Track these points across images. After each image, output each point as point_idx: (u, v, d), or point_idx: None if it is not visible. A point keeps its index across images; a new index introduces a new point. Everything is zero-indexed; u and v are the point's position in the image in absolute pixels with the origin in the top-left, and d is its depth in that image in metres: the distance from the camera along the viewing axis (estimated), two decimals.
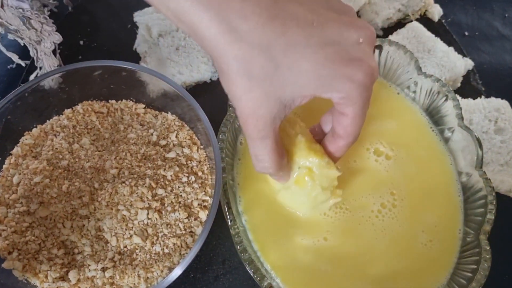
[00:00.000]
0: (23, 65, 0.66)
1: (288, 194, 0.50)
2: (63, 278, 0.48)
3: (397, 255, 0.51)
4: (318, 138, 0.49)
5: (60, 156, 0.53)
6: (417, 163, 0.56)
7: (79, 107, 0.57)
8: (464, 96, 0.64)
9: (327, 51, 0.35)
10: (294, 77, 0.36)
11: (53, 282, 0.47)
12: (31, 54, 0.62)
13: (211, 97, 0.65)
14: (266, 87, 0.36)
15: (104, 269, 0.48)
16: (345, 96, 0.38)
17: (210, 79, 0.66)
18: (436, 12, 0.74)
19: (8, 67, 0.69)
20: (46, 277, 0.48)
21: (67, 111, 0.57)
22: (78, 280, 0.47)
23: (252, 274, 0.47)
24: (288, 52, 0.35)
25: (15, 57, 0.64)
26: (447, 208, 0.54)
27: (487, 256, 0.48)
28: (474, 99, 0.63)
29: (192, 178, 0.51)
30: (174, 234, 0.48)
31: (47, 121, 0.56)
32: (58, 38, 0.63)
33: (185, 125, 0.57)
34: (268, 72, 0.35)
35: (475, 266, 0.48)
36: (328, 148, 0.47)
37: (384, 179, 0.55)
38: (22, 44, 0.62)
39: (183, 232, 0.49)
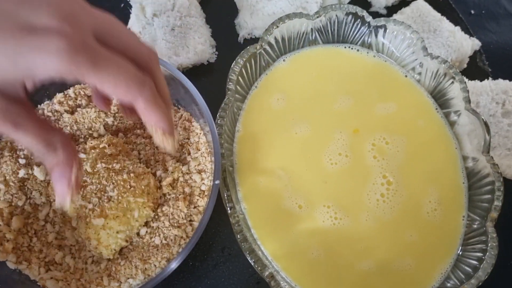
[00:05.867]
0: None
1: None
2: (57, 268, 0.46)
3: (407, 230, 0.50)
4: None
5: None
6: (420, 148, 0.54)
7: (70, 91, 0.54)
8: (471, 77, 0.62)
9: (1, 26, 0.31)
10: None
11: (46, 272, 0.46)
12: None
13: (209, 80, 0.63)
14: None
15: (99, 260, 0.46)
16: (52, 69, 0.32)
17: (208, 61, 0.63)
18: None
19: None
20: (40, 267, 0.46)
21: (59, 96, 0.55)
22: (73, 271, 0.46)
23: (253, 264, 0.46)
24: None
25: None
26: (450, 193, 0.53)
27: (494, 244, 0.47)
28: (481, 80, 0.61)
29: (192, 165, 0.50)
30: (174, 225, 0.47)
31: (38, 106, 0.54)
32: None
33: (181, 109, 0.55)
34: None
35: (481, 254, 0.47)
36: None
37: (382, 164, 0.53)
38: None
39: (184, 221, 0.48)
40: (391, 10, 0.70)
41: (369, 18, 0.58)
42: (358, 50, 0.60)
